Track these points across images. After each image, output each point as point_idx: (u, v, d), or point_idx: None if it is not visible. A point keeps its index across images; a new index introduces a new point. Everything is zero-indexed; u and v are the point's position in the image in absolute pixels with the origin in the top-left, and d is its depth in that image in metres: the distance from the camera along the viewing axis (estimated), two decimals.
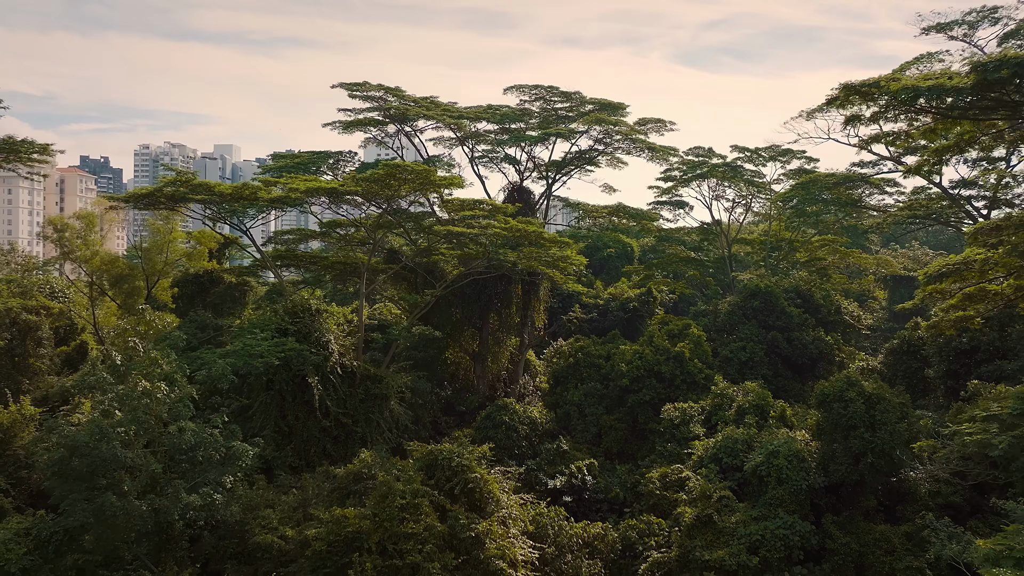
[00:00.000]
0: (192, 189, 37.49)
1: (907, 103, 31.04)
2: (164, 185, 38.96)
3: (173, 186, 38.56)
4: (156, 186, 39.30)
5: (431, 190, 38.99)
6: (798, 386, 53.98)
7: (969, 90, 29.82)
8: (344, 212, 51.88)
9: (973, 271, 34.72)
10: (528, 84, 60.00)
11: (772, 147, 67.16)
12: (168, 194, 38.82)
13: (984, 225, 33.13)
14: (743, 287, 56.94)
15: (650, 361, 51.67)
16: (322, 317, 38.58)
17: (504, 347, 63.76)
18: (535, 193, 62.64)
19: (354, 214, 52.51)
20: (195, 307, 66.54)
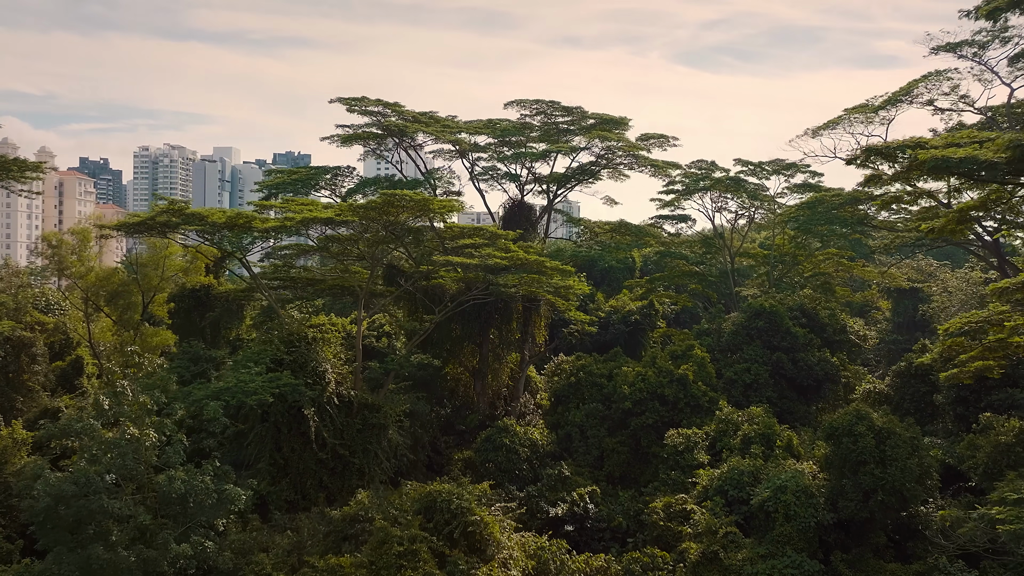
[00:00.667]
0: (185, 219, 36.67)
1: (935, 173, 29.96)
2: (157, 214, 38.12)
3: (166, 215, 37.71)
4: (148, 215, 38.51)
5: (430, 217, 38.08)
6: (803, 408, 53.11)
7: (1004, 164, 28.71)
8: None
9: (996, 327, 33.76)
10: (529, 99, 59.19)
11: (776, 161, 66.36)
12: (161, 223, 37.98)
13: (1009, 284, 32.20)
14: (747, 306, 56.04)
15: (653, 384, 50.81)
16: (319, 345, 37.70)
17: (504, 363, 62.89)
18: (536, 208, 61.86)
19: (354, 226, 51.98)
20: (192, 322, 65.72)
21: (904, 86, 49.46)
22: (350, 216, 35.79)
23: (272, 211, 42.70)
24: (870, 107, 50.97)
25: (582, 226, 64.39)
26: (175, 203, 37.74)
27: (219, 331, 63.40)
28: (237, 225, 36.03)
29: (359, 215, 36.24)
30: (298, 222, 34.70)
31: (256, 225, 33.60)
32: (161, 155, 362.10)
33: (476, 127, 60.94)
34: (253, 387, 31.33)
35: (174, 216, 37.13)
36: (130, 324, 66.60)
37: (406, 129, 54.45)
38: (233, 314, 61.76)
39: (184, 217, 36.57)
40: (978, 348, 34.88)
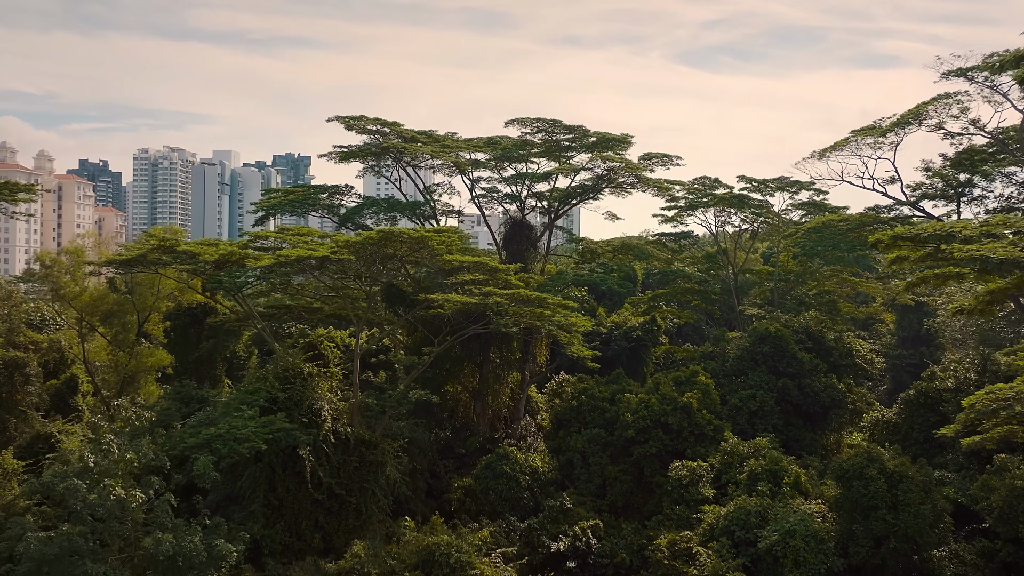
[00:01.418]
0: (176, 257, 35.71)
1: (972, 269, 28.85)
2: (147, 251, 37.17)
3: (157, 252, 36.77)
4: (139, 253, 37.53)
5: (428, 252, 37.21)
6: (810, 435, 52.13)
7: None
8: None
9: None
10: (530, 117, 58.19)
11: (781, 179, 65.41)
12: (152, 260, 37.01)
13: None
14: (753, 330, 55.04)
15: (656, 411, 49.83)
16: (314, 381, 36.72)
17: (505, 384, 61.99)
18: (536, 227, 60.91)
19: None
20: (188, 340, 64.74)
21: (913, 108, 48.48)
22: (346, 254, 34.80)
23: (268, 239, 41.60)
24: (878, 129, 50.00)
25: (583, 245, 63.27)
26: (166, 240, 36.77)
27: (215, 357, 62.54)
28: (230, 262, 35.05)
29: (355, 252, 35.28)
30: (293, 260, 33.75)
31: (249, 264, 32.64)
32: (161, 157, 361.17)
33: (476, 144, 59.97)
34: (245, 433, 30.37)
35: (165, 254, 36.20)
36: (125, 344, 65.64)
37: (405, 150, 53.41)
38: (230, 332, 60.86)
39: (175, 255, 35.63)
40: (1002, 420, 33.75)
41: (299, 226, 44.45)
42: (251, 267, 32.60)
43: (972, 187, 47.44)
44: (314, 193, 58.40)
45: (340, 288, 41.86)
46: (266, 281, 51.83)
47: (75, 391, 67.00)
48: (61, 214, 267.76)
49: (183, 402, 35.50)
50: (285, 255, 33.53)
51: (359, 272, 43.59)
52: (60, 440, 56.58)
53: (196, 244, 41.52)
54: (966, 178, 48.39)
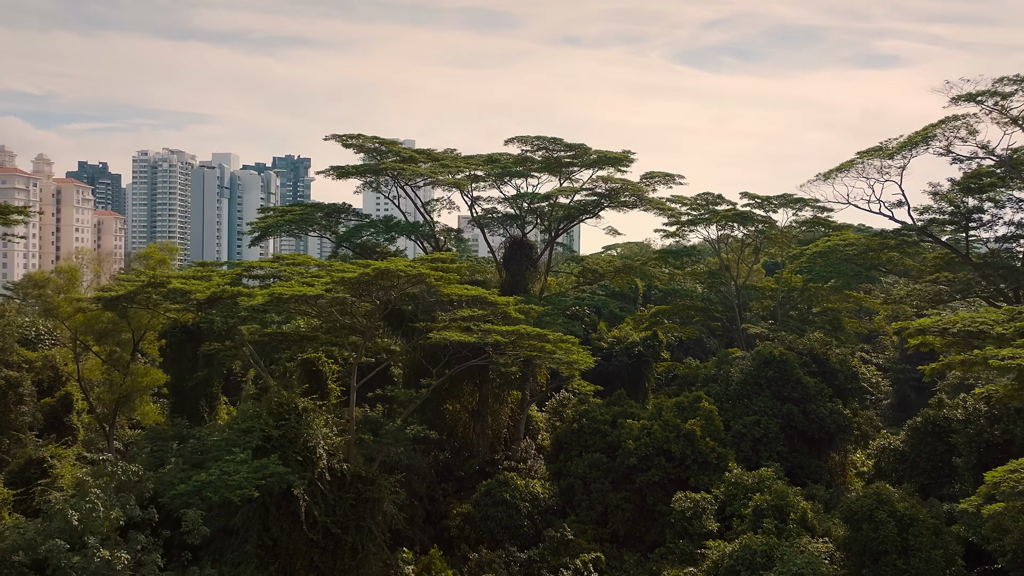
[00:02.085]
0: (166, 295, 34.86)
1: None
2: (136, 289, 36.28)
3: (147, 290, 35.89)
4: (128, 290, 36.65)
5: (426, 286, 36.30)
6: (815, 462, 51.26)
7: None
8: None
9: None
10: (531, 135, 57.40)
11: (784, 196, 64.55)
12: (141, 299, 36.12)
13: None
14: (756, 353, 54.14)
15: (659, 438, 48.96)
16: (309, 416, 35.82)
17: (504, 403, 61.13)
18: (537, 246, 60.05)
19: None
20: (184, 357, 63.84)
21: (920, 131, 47.58)
22: (341, 292, 33.91)
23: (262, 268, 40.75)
24: (885, 151, 49.11)
25: (584, 265, 62.36)
26: (157, 276, 35.89)
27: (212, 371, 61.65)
28: (221, 299, 34.17)
29: (351, 290, 34.37)
30: (287, 300, 32.88)
31: (242, 302, 31.74)
32: (160, 159, 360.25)
33: (476, 163, 59.14)
34: (237, 479, 29.47)
35: (155, 291, 35.33)
36: (120, 363, 64.78)
37: (402, 171, 52.57)
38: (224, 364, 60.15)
39: (166, 294, 34.77)
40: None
41: (295, 254, 43.60)
42: (243, 305, 31.73)
43: (981, 213, 46.47)
44: (311, 212, 57.53)
45: (337, 319, 40.97)
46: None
47: (70, 409, 66.15)
48: (60, 218, 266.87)
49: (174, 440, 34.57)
50: (279, 292, 32.66)
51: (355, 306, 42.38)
52: (53, 465, 55.88)
53: (190, 272, 40.62)
54: (975, 204, 47.48)
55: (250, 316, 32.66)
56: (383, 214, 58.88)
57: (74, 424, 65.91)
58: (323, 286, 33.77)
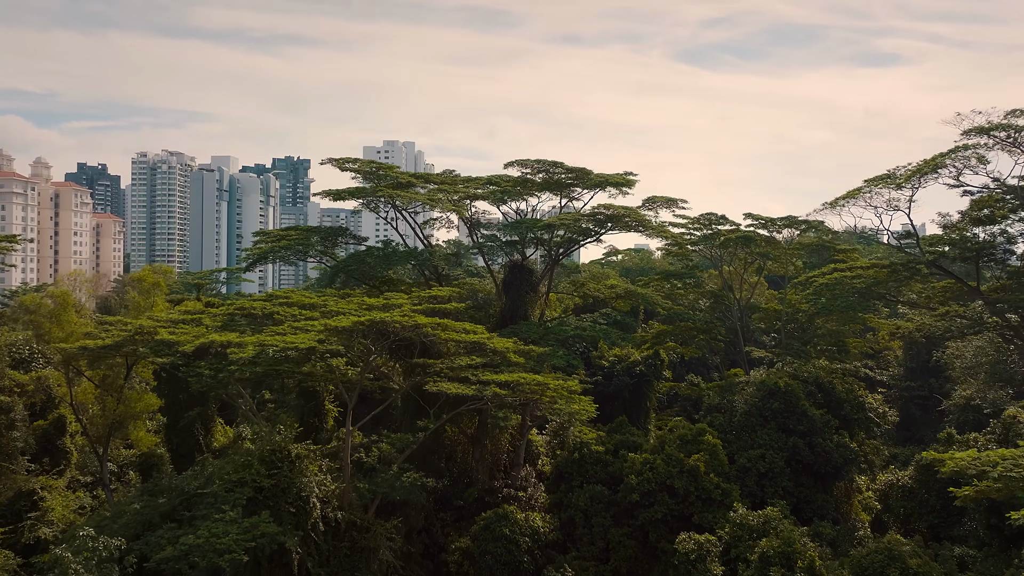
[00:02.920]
0: (154, 348, 33.80)
1: None
2: (123, 340, 35.23)
3: (132, 343, 34.86)
4: (116, 341, 35.58)
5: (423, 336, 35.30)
6: (821, 496, 50.17)
7: None
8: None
9: None
10: (531, 159, 56.39)
11: (788, 217, 63.47)
12: (128, 352, 35.06)
13: None
14: (761, 384, 53.03)
15: (662, 474, 47.93)
16: (303, 463, 34.74)
17: (504, 429, 60.06)
18: (537, 271, 58.96)
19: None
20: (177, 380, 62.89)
21: (930, 160, 46.51)
22: (335, 343, 32.86)
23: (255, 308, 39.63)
24: (893, 179, 48.03)
25: (585, 290, 61.23)
26: (143, 330, 34.85)
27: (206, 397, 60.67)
28: (210, 352, 33.12)
29: (345, 341, 33.30)
30: (279, 350, 31.82)
31: (232, 354, 30.71)
32: (159, 161, 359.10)
33: (476, 185, 58.10)
34: (226, 542, 28.32)
35: (143, 345, 34.28)
36: (113, 387, 63.83)
37: (398, 197, 51.52)
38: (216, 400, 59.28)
39: (153, 346, 33.71)
40: None
41: (289, 290, 42.57)
42: (233, 358, 30.71)
43: (992, 250, 45.32)
44: (307, 237, 56.43)
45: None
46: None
47: (63, 432, 65.21)
48: (58, 222, 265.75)
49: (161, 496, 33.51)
50: (270, 343, 31.64)
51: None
52: (43, 498, 54.89)
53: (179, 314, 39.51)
54: (986, 239, 46.34)
55: (240, 370, 31.61)
56: (383, 232, 57.98)
57: (67, 447, 64.94)
58: (316, 335, 32.71)
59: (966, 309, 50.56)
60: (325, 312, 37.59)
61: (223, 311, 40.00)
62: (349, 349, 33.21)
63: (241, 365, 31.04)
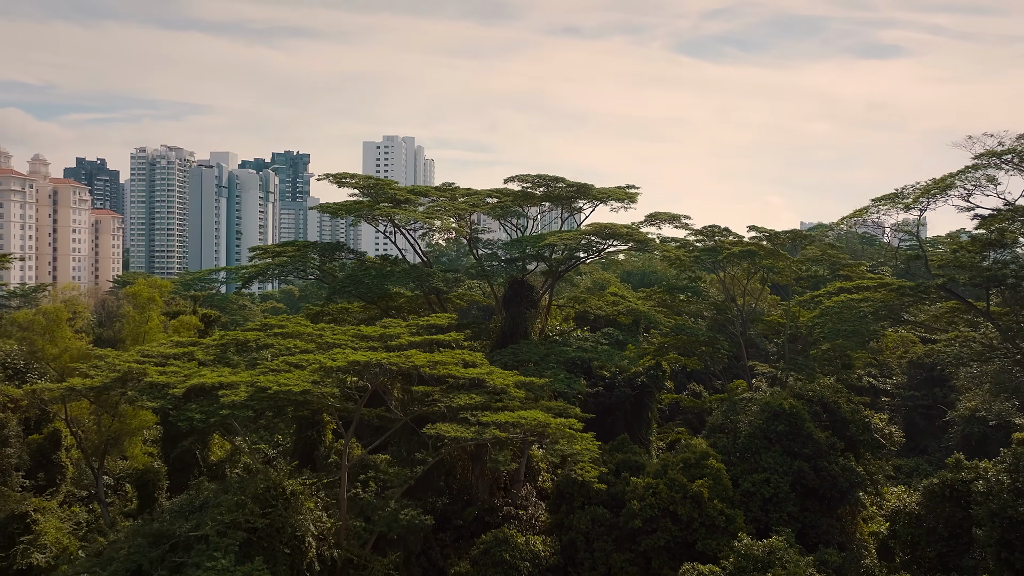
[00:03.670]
0: (144, 391, 32.94)
1: None
2: (113, 383, 34.35)
3: (122, 385, 33.97)
4: (105, 383, 34.71)
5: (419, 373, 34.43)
6: (827, 521, 49.33)
7: None
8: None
9: None
10: (532, 174, 55.32)
11: (793, 231, 62.54)
12: (117, 393, 34.16)
13: None
14: (766, 405, 52.14)
15: (665, 499, 47.08)
16: (298, 500, 33.89)
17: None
18: (537, 287, 58.10)
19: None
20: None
21: (939, 180, 45.55)
22: (330, 386, 31.96)
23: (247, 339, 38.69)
24: (900, 198, 47.06)
25: (586, 308, 60.37)
26: (134, 373, 34.00)
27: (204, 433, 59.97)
28: (201, 394, 32.22)
29: (339, 387, 32.41)
30: (270, 395, 30.93)
31: (223, 398, 29.83)
32: (158, 156, 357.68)
33: (476, 199, 57.16)
34: None
35: (132, 387, 33.40)
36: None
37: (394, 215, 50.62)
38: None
39: (143, 389, 32.83)
40: None
41: (284, 318, 41.71)
42: (225, 401, 29.83)
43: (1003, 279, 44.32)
44: (305, 252, 55.49)
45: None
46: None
47: (58, 446, 64.54)
48: (57, 219, 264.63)
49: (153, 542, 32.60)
50: (263, 384, 30.73)
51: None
52: (36, 520, 54.10)
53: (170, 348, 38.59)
54: (997, 267, 45.29)
55: (232, 414, 30.76)
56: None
57: (63, 461, 64.28)
58: (310, 375, 31.80)
59: (976, 333, 49.62)
60: (321, 344, 36.69)
61: (216, 342, 39.09)
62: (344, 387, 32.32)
63: (233, 409, 30.17)
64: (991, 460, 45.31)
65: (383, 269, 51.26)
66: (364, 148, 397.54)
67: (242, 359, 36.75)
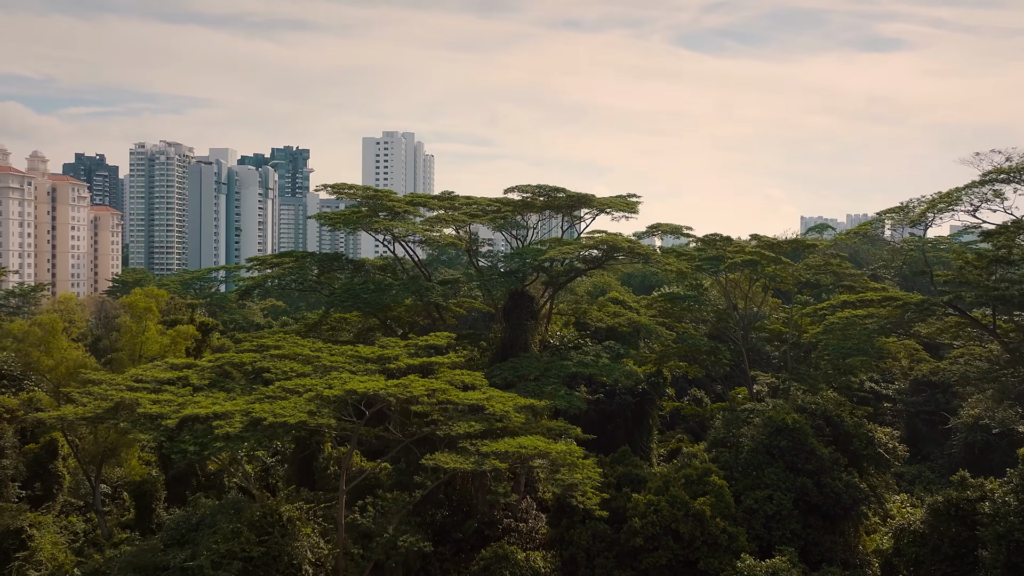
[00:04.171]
0: (136, 422, 32.35)
1: None
2: (105, 414, 33.78)
3: (114, 417, 33.40)
4: (97, 414, 34.08)
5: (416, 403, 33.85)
6: (830, 539, 48.79)
7: None
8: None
9: None
10: (532, 184, 54.79)
11: (795, 240, 61.94)
12: (109, 424, 33.60)
13: None
14: (768, 419, 51.59)
15: (666, 517, 46.58)
16: (295, 527, 33.36)
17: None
18: (537, 298, 57.50)
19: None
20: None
21: (946, 193, 44.95)
22: (326, 416, 31.36)
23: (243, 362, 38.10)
24: (906, 211, 46.46)
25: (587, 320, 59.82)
26: (122, 402, 33.43)
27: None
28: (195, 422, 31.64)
29: (336, 412, 31.82)
30: (265, 427, 30.34)
31: (217, 430, 29.25)
32: (157, 152, 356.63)
33: (475, 210, 56.54)
34: None
35: (124, 418, 32.85)
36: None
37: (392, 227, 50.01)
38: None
39: (135, 421, 32.27)
40: None
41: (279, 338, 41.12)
42: (219, 433, 29.26)
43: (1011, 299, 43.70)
44: (304, 263, 54.88)
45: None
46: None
47: (55, 455, 64.13)
48: (56, 216, 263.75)
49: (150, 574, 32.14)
50: (259, 415, 30.16)
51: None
52: (32, 536, 53.60)
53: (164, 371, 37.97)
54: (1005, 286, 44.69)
55: (226, 446, 30.24)
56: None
57: (60, 470, 63.86)
58: (306, 405, 31.22)
59: (982, 349, 49.03)
60: (318, 367, 36.11)
61: (212, 364, 38.49)
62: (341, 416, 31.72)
63: (227, 442, 29.62)
64: (996, 476, 44.76)
65: (381, 283, 50.64)
66: (364, 144, 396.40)
67: (237, 384, 36.16)
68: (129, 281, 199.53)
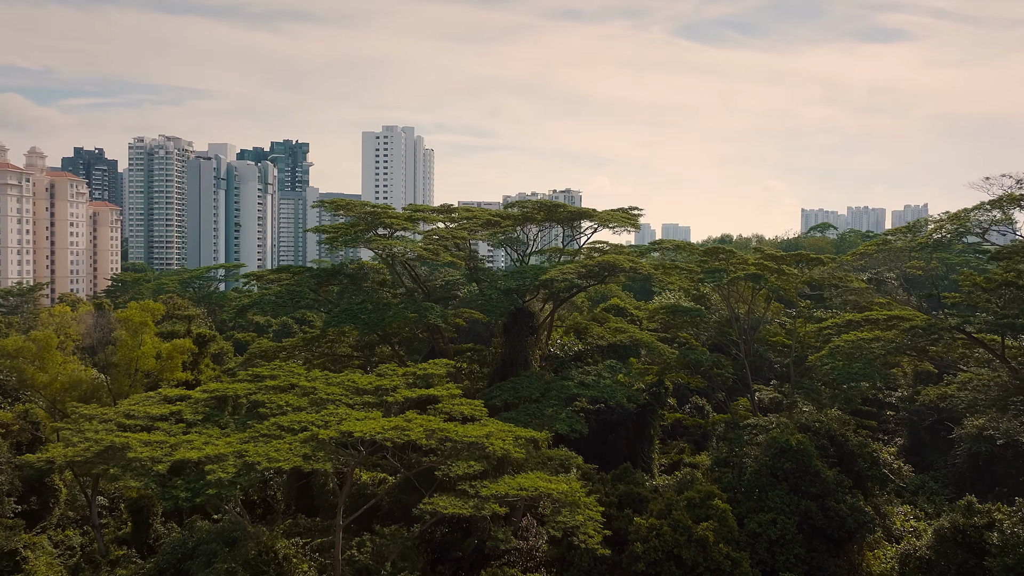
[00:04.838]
0: (126, 467, 31.59)
1: None
2: (95, 459, 33.04)
3: (104, 462, 32.65)
4: (86, 459, 33.36)
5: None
6: (834, 562, 48.16)
7: None
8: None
9: None
10: (534, 200, 54.12)
11: (799, 254, 61.16)
12: (100, 469, 32.81)
13: None
14: (772, 440, 50.89)
15: (669, 542, 45.88)
16: (291, 565, 32.68)
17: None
18: (537, 314, 56.81)
19: None
20: None
21: (954, 215, 44.15)
22: (322, 461, 30.56)
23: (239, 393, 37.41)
24: (915, 230, 45.63)
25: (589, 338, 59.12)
26: (112, 445, 32.67)
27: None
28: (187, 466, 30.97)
29: (331, 453, 31.08)
30: (261, 470, 29.64)
31: (210, 476, 28.48)
32: (156, 146, 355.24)
33: (475, 225, 55.76)
34: None
35: (114, 465, 32.09)
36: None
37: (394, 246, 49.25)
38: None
39: (124, 464, 31.55)
40: None
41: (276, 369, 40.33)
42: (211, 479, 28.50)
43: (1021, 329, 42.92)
44: (302, 279, 54.08)
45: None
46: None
47: (51, 469, 63.48)
48: (54, 212, 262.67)
49: None
50: (252, 459, 29.44)
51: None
52: (26, 558, 52.99)
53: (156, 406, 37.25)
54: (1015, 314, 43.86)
55: (218, 492, 29.50)
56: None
57: (56, 484, 63.30)
58: (301, 448, 30.48)
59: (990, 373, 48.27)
60: (314, 400, 35.38)
61: (205, 396, 37.74)
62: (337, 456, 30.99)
63: (220, 487, 28.91)
64: (1000, 487, 44.18)
65: (380, 302, 49.87)
66: (364, 139, 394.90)
67: (232, 419, 35.43)
68: (128, 280, 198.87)
